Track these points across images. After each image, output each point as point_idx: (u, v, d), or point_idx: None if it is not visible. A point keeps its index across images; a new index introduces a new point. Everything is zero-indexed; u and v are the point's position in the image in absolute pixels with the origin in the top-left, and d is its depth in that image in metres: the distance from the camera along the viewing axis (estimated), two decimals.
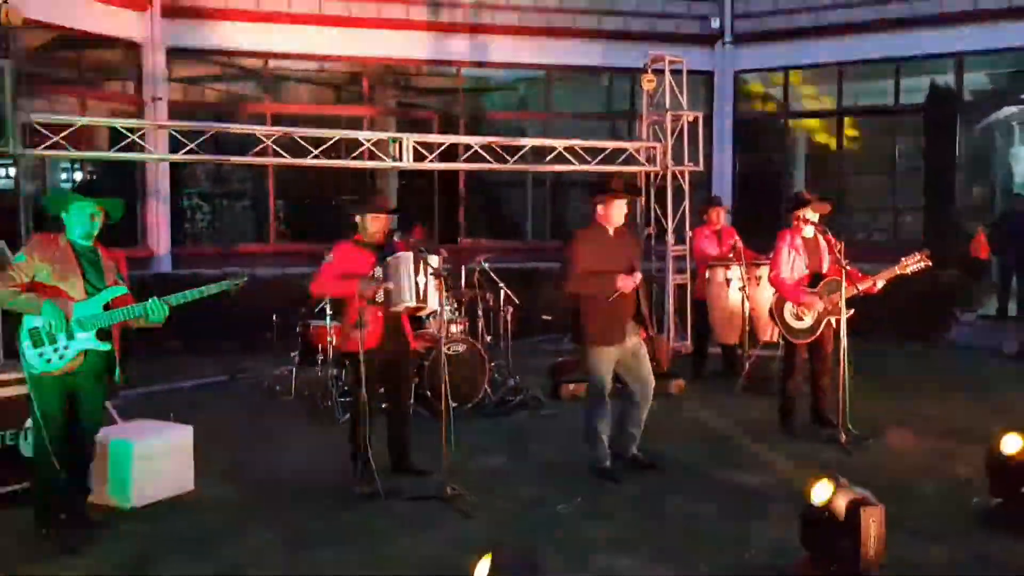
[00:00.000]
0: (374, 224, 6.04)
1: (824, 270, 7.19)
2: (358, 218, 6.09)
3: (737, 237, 9.13)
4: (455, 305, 8.32)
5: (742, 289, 8.63)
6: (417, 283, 5.89)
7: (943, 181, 12.60)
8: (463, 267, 8.69)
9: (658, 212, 10.35)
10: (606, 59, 13.54)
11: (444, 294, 8.10)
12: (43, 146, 7.11)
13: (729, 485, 6.02)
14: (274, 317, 8.54)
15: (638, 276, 5.98)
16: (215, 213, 14.66)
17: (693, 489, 5.93)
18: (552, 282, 7.56)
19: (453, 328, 8.20)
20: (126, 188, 12.08)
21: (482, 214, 14.46)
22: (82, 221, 5.05)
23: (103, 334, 5.06)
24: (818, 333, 7.13)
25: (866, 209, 15.39)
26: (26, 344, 4.93)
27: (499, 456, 6.72)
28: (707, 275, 9.12)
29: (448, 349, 7.85)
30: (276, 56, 12.65)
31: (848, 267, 7.12)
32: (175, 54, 12.12)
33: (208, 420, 7.72)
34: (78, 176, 13.02)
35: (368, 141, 8.45)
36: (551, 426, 7.60)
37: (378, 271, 5.88)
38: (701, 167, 10.44)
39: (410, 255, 5.90)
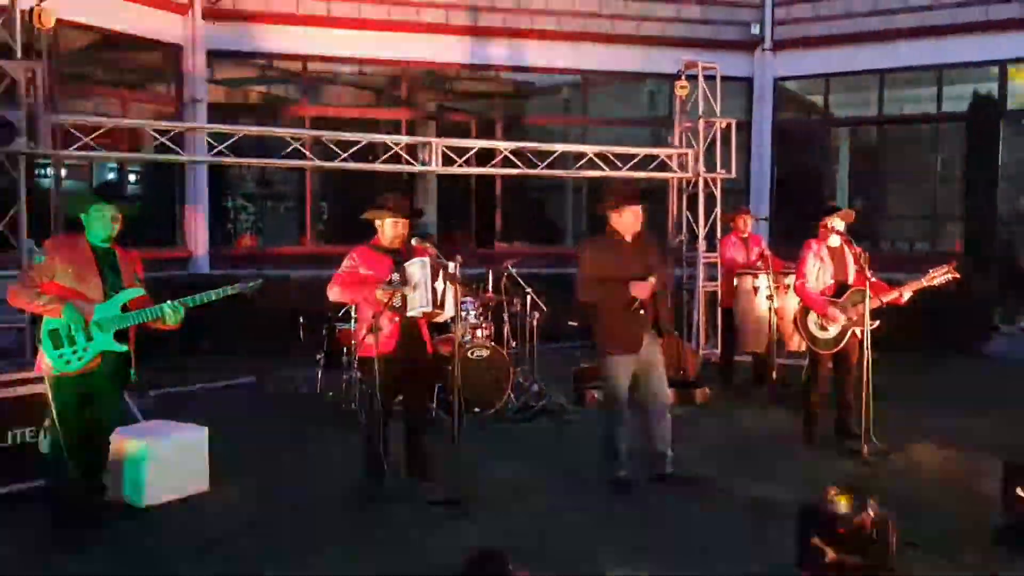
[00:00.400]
0: (392, 228, 6.05)
1: (850, 280, 7.10)
2: (376, 222, 6.12)
3: (765, 245, 9.04)
4: (480, 310, 8.33)
5: (769, 297, 8.53)
6: (434, 288, 5.88)
7: (985, 190, 12.35)
8: (490, 271, 8.69)
9: (690, 219, 10.28)
10: (644, 64, 13.48)
11: (462, 299, 8.20)
12: (74, 147, 7.24)
13: (745, 496, 5.95)
14: (301, 319, 8.60)
15: (652, 280, 5.93)
16: (260, 214, 14.86)
17: (708, 500, 5.87)
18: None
19: (479, 333, 8.22)
20: (166, 189, 12.34)
21: (521, 219, 14.45)
22: (102, 224, 5.14)
23: (121, 335, 5.15)
24: (843, 344, 7.04)
25: (908, 218, 15.16)
26: (46, 345, 5.03)
27: (516, 463, 6.71)
28: (735, 283, 9.06)
29: (471, 354, 7.90)
30: (315, 59, 12.78)
31: (874, 278, 7.05)
32: (216, 56, 12.29)
33: (232, 421, 7.86)
34: (129, 177, 13.38)
35: (397, 145, 8.50)
36: (572, 433, 7.58)
37: (395, 276, 5.89)
38: (734, 174, 10.35)
39: (427, 260, 5.90)
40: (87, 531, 5.12)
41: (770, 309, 8.54)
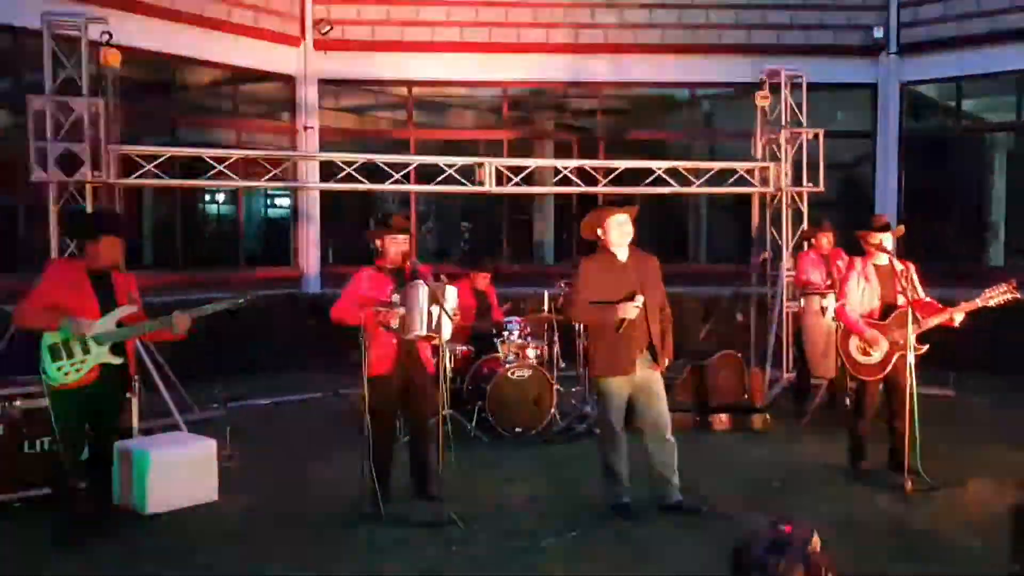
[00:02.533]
0: (393, 246, 6.12)
1: (899, 301, 6.55)
2: (378, 242, 6.19)
3: (842, 260, 8.48)
4: (528, 330, 8.27)
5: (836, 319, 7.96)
6: (431, 313, 5.90)
7: None
8: (545, 292, 8.59)
9: (775, 235, 9.81)
10: (757, 74, 12.94)
11: (507, 319, 8.21)
12: (136, 174, 7.74)
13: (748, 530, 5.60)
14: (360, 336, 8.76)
15: (640, 299, 5.68)
16: None
17: (709, 533, 5.53)
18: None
19: (529, 353, 8.16)
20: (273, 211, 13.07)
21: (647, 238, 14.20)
22: (111, 253, 5.49)
23: (117, 349, 5.48)
24: (889, 369, 6.51)
25: None
26: (46, 358, 5.40)
27: (530, 485, 6.61)
28: (802, 303, 8.55)
29: (512, 374, 7.85)
30: (420, 84, 13.09)
31: (926, 298, 6.55)
32: (326, 85, 12.82)
33: (279, 434, 8.17)
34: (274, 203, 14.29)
35: (450, 167, 8.58)
36: None
37: (395, 298, 5.95)
38: (822, 188, 9.78)
39: (424, 285, 5.91)
40: (86, 534, 5.43)
41: (837, 331, 7.97)
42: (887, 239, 6.65)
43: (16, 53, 9.56)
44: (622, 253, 5.87)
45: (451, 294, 6.05)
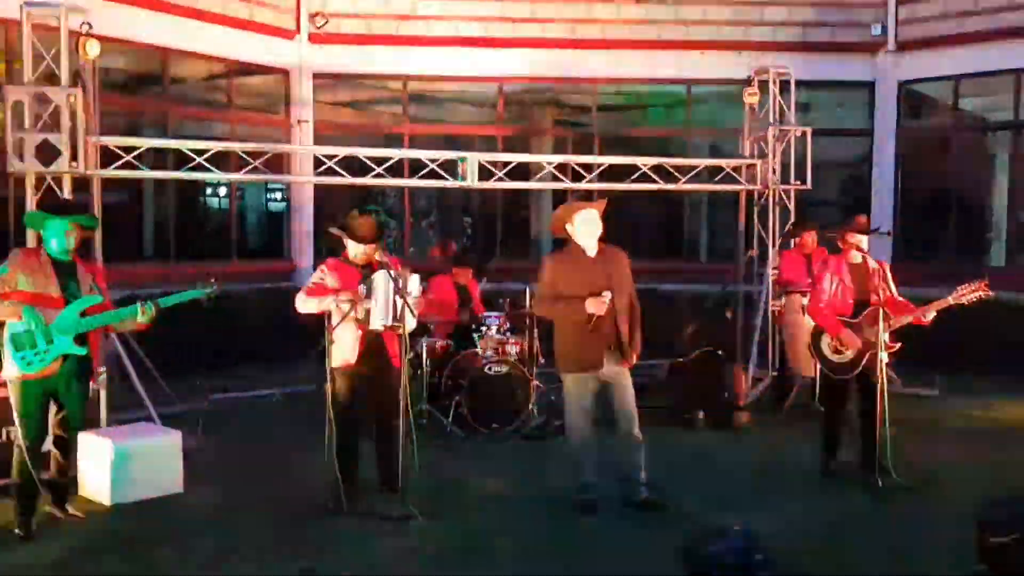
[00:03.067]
0: (355, 249, 6.12)
1: (872, 299, 6.50)
2: (344, 239, 6.19)
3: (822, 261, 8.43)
4: (508, 325, 8.25)
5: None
6: (395, 303, 5.89)
7: None
8: (527, 287, 8.56)
9: (762, 232, 9.75)
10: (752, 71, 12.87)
11: (486, 314, 8.21)
12: (114, 166, 7.74)
13: (709, 528, 5.55)
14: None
15: (607, 295, 5.64)
16: (401, 228, 15.31)
17: (670, 531, 5.46)
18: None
19: (508, 349, 8.14)
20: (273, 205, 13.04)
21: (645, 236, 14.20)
22: (58, 237, 5.49)
23: (80, 339, 5.47)
24: (860, 368, 6.46)
25: None
26: (8, 348, 5.40)
27: (500, 481, 6.59)
28: (782, 301, 8.50)
29: (489, 370, 7.83)
30: (415, 78, 13.05)
31: (898, 297, 6.51)
32: (321, 79, 12.81)
33: (256, 427, 8.19)
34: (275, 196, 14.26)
35: (433, 161, 8.56)
36: None
37: (361, 289, 5.95)
38: (809, 185, 9.71)
39: (388, 275, 5.89)
40: (47, 525, 5.47)
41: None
42: (863, 241, 6.61)
43: None
44: (591, 249, 5.85)
45: (413, 281, 6.02)
